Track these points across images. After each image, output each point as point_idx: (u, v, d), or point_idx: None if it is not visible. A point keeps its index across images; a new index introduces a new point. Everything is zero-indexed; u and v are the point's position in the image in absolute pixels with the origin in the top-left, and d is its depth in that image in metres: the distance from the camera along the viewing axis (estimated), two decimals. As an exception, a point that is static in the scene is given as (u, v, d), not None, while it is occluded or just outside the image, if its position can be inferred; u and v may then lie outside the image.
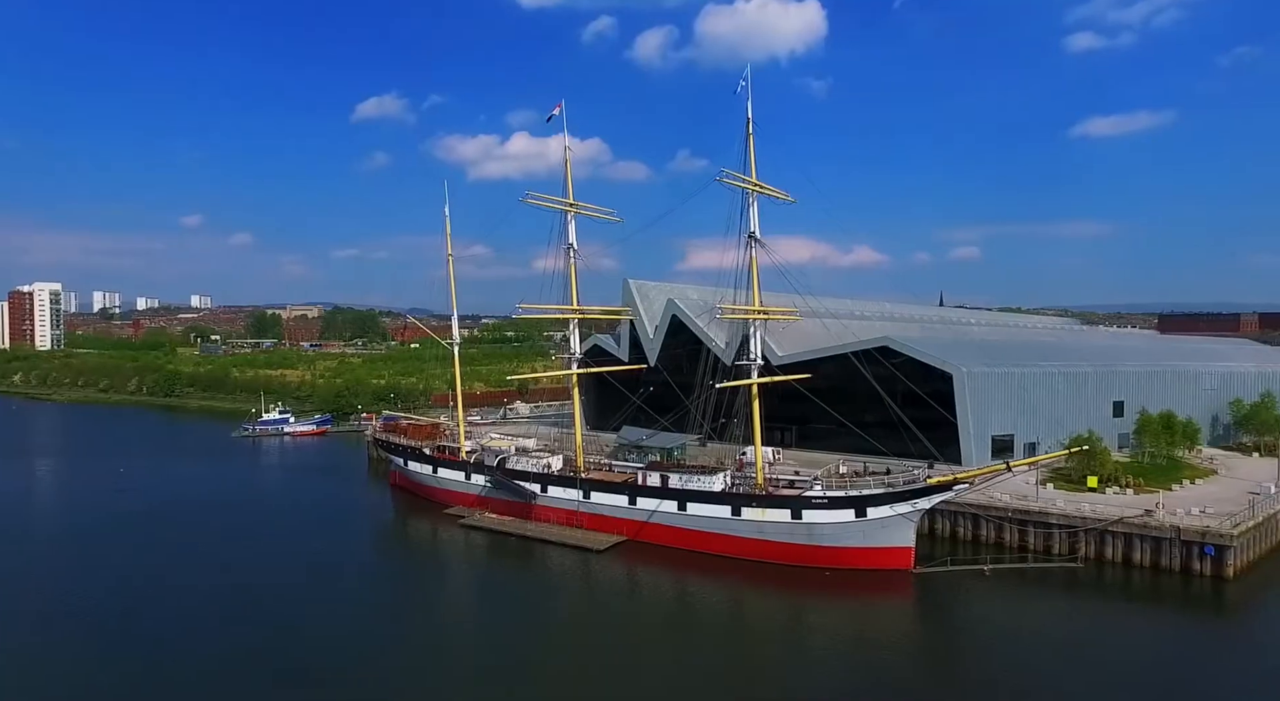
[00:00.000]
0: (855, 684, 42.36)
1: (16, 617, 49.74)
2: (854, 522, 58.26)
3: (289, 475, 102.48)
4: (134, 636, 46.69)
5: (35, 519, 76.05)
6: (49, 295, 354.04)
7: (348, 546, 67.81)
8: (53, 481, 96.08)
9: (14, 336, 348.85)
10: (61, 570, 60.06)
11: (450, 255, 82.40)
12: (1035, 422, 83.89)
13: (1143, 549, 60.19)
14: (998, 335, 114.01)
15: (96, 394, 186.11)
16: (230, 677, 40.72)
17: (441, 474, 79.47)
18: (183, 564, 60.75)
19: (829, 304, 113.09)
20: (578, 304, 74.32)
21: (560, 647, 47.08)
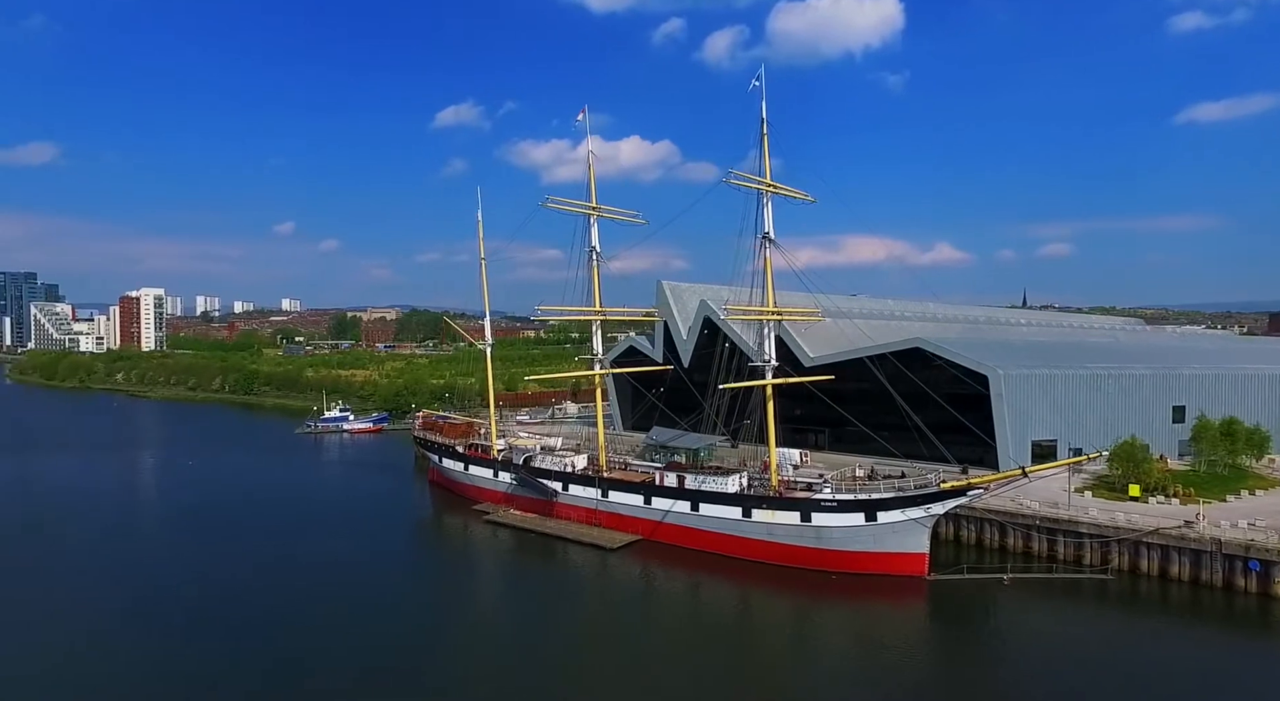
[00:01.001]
0: (854, 694, 41.69)
1: (76, 598, 54.46)
2: (864, 526, 57.17)
3: (340, 470, 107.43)
4: (170, 615, 50.52)
5: (104, 507, 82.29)
6: (153, 300, 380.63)
7: (380, 540, 70.40)
8: (128, 472, 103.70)
9: (124, 338, 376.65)
10: (117, 557, 65.03)
11: (483, 259, 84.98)
12: (1082, 428, 79.97)
13: (1180, 562, 56.85)
14: (1048, 336, 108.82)
15: (186, 392, 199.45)
16: (245, 655, 43.69)
17: (472, 471, 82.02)
18: (225, 553, 64.76)
19: (871, 305, 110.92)
20: (600, 306, 75.23)
21: (562, 645, 47.80)
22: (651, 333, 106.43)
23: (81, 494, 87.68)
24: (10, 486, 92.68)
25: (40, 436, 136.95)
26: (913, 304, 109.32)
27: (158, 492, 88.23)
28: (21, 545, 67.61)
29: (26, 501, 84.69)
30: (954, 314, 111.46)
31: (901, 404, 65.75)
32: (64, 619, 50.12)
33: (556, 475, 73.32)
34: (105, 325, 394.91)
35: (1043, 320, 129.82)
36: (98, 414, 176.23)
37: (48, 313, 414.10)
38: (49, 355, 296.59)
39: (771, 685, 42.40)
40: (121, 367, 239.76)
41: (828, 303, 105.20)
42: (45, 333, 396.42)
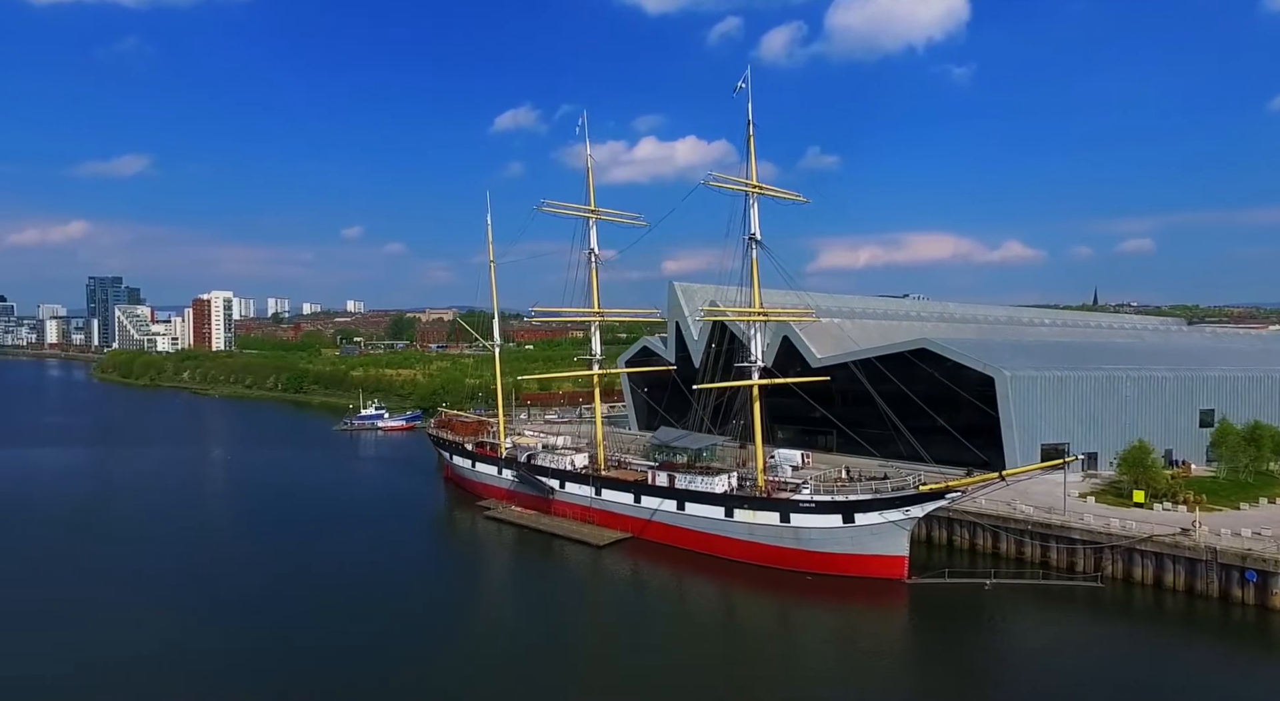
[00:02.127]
0: (821, 695, 41.82)
1: (105, 578, 58.95)
2: (842, 528, 56.99)
3: (366, 466, 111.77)
4: (193, 593, 54.30)
5: (143, 495, 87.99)
6: (222, 302, 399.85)
7: (389, 535, 72.61)
8: (170, 464, 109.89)
9: (196, 339, 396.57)
10: (145, 544, 69.65)
11: (492, 262, 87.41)
12: (1096, 431, 77.57)
13: (1175, 571, 54.95)
14: (1070, 337, 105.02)
15: (243, 389, 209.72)
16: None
17: (479, 468, 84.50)
18: (246, 541, 68.93)
19: (887, 305, 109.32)
20: (599, 307, 76.62)
21: (534, 641, 49.01)
22: (667, 333, 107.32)
23: (123, 482, 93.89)
24: (61, 475, 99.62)
25: (103, 429, 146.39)
26: (931, 304, 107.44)
27: (194, 483, 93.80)
28: (58, 530, 72.91)
29: (75, 488, 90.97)
30: (972, 314, 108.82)
31: (918, 405, 64.78)
32: (91, 594, 54.35)
33: (554, 473, 75.06)
34: (180, 326, 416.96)
35: (1069, 320, 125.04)
36: (159, 410, 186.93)
37: (129, 315, 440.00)
38: (126, 354, 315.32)
39: (741, 685, 42.67)
40: (188, 366, 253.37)
41: (836, 303, 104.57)
42: (127, 333, 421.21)
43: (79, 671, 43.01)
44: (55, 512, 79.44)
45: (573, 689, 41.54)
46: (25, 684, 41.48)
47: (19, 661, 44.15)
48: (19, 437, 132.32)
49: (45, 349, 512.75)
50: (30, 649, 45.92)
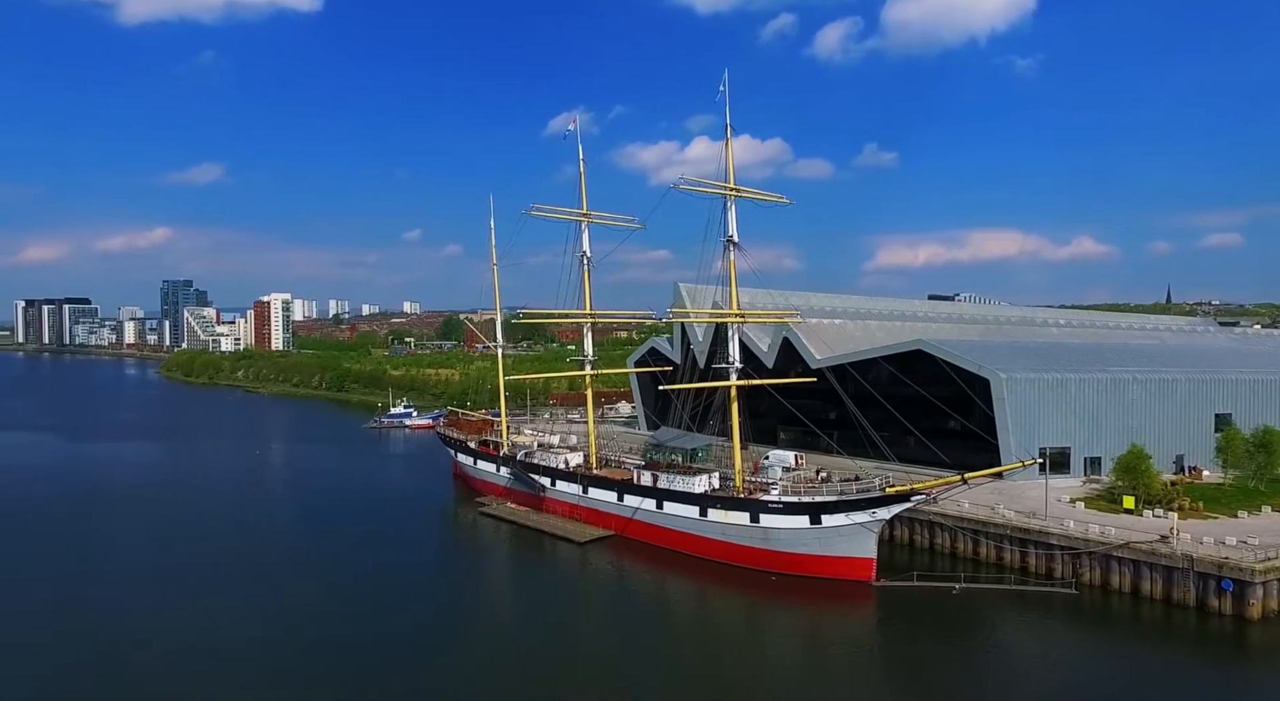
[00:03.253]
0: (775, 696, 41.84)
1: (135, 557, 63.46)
2: (809, 529, 57.23)
3: (386, 462, 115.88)
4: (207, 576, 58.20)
5: (174, 487, 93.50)
6: (280, 304, 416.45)
7: (388, 527, 75.54)
8: (202, 458, 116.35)
9: (257, 339, 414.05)
10: (177, 531, 74.35)
11: (495, 265, 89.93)
12: (1100, 435, 75.52)
13: (1153, 579, 53.57)
14: (1083, 338, 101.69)
15: (291, 388, 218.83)
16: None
17: (480, 465, 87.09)
18: (256, 529, 73.02)
19: (897, 306, 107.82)
20: (591, 309, 78.21)
21: (494, 632, 50.88)
22: (673, 334, 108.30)
23: (155, 475, 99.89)
24: (98, 467, 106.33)
25: (152, 425, 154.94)
26: (941, 305, 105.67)
27: (219, 476, 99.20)
28: (78, 517, 78.20)
29: (113, 476, 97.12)
30: (982, 315, 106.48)
31: (916, 407, 64.81)
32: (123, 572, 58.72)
33: (545, 471, 76.97)
34: (243, 327, 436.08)
35: (1085, 320, 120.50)
36: (210, 406, 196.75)
37: (197, 316, 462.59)
38: (188, 354, 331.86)
39: (697, 684, 43.08)
40: (242, 366, 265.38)
41: (844, 304, 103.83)
42: (194, 334, 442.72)
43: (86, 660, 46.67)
44: (70, 506, 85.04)
45: (533, 685, 42.34)
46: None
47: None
48: (74, 432, 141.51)
49: (124, 348, 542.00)
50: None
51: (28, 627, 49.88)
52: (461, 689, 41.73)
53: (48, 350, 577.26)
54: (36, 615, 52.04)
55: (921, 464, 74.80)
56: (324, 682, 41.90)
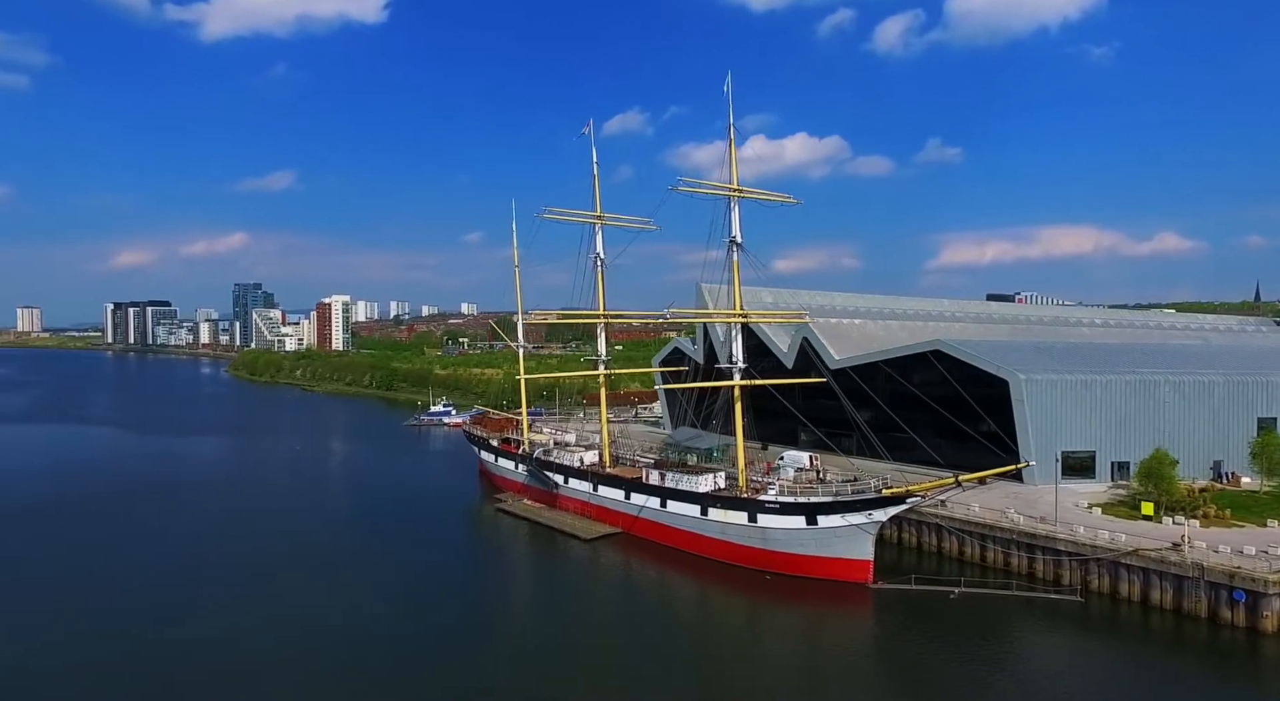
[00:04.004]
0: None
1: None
2: (805, 530, 57.01)
3: (419, 459, 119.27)
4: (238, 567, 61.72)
5: (214, 481, 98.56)
6: (340, 305, 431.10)
7: (409, 521, 78.03)
8: (249, 452, 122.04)
9: (319, 339, 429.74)
10: (199, 519, 78.62)
11: (517, 267, 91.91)
12: (1129, 439, 72.86)
13: (1163, 588, 51.65)
14: (1119, 338, 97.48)
15: (343, 386, 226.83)
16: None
17: (500, 463, 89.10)
18: (287, 526, 76.63)
19: (939, 306, 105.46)
20: (604, 310, 79.28)
21: (486, 625, 52.03)
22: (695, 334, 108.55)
23: (201, 467, 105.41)
24: (150, 459, 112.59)
25: (210, 420, 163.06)
26: (971, 304, 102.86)
27: (259, 469, 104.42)
28: (117, 510, 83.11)
29: (161, 470, 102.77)
30: (1013, 314, 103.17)
31: (936, 409, 63.80)
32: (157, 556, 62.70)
33: (558, 469, 78.36)
34: (306, 328, 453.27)
35: (1124, 320, 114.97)
36: (266, 403, 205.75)
37: (264, 317, 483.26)
38: (252, 354, 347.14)
39: (687, 683, 43.16)
40: (301, 365, 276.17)
41: (869, 303, 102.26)
42: (261, 334, 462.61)
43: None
44: (113, 499, 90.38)
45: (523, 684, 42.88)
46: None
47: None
48: (137, 427, 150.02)
49: (199, 348, 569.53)
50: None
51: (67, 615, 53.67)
52: (448, 684, 43.10)
53: (133, 349, 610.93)
54: (80, 607, 55.93)
55: (939, 466, 73.60)
56: (319, 675, 43.93)
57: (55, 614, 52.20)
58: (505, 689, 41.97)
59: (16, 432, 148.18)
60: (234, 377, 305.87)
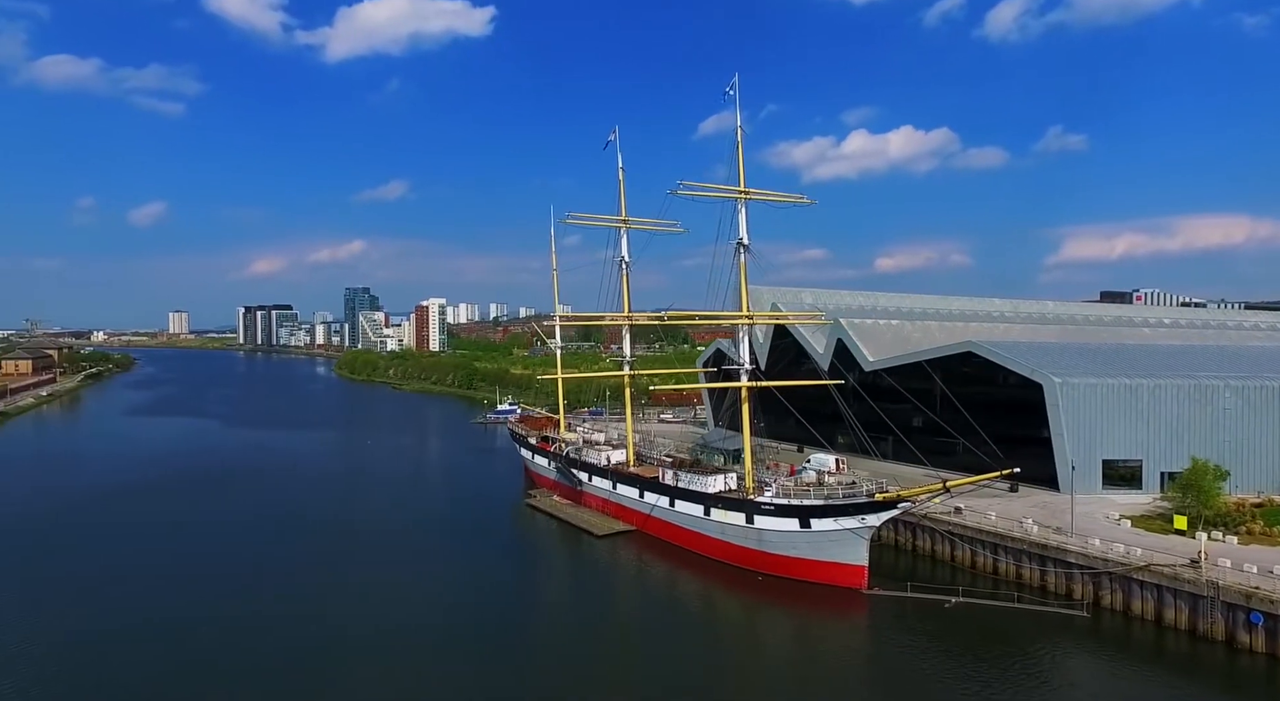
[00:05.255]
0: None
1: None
2: (800, 533, 56.55)
3: (479, 456, 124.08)
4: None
5: (287, 469, 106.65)
6: (437, 308, 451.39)
7: (452, 516, 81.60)
8: (324, 444, 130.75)
9: (418, 341, 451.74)
10: (271, 504, 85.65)
11: (555, 270, 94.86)
12: (1182, 448, 67.50)
13: (1177, 606, 48.34)
14: (1182, 339, 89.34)
15: (429, 385, 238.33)
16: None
17: (536, 460, 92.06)
18: (334, 511, 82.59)
19: (985, 305, 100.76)
20: (629, 311, 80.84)
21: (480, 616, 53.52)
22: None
23: (277, 456, 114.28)
24: (237, 449, 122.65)
25: (304, 412, 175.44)
26: (1025, 304, 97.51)
27: (329, 459, 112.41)
28: (205, 492, 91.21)
29: (242, 459, 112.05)
30: (1069, 314, 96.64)
31: (972, 412, 62.43)
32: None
33: (583, 467, 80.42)
34: (406, 329, 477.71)
35: (1195, 320, 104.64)
36: (358, 399, 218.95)
37: (369, 319, 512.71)
38: (352, 354, 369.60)
39: (672, 680, 43.31)
40: (393, 365, 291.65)
41: (911, 303, 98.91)
42: (366, 336, 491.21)
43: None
44: (192, 485, 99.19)
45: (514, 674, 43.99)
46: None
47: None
48: (238, 419, 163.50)
49: (315, 348, 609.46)
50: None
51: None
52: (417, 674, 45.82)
53: (259, 349, 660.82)
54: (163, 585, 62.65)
55: (973, 472, 70.96)
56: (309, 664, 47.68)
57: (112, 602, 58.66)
58: (477, 681, 43.02)
59: (139, 423, 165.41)
60: (338, 376, 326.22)
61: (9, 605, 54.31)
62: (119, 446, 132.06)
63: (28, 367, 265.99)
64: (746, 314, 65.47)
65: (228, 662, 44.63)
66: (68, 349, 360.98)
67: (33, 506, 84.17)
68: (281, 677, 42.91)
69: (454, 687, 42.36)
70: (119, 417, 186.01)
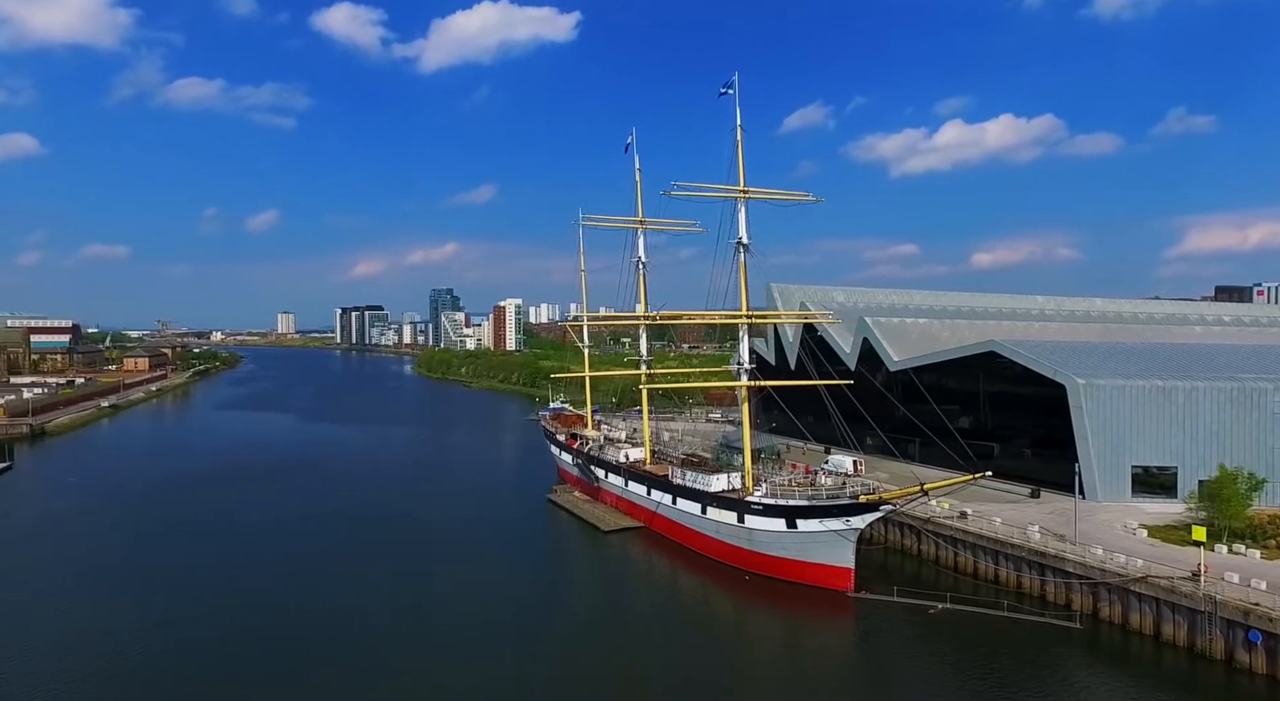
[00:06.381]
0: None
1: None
2: (787, 533, 56.16)
3: (521, 452, 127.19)
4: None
5: (340, 461, 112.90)
6: (513, 308, 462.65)
7: (480, 509, 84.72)
8: (382, 438, 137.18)
9: (495, 340, 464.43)
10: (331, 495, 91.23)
11: (583, 271, 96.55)
12: (1223, 455, 62.98)
13: (1176, 621, 45.67)
14: (1238, 339, 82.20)
15: (496, 383, 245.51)
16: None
17: (562, 457, 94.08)
18: (370, 503, 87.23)
19: (1025, 304, 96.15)
20: (646, 311, 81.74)
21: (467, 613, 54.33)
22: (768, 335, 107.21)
23: (332, 448, 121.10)
24: (302, 440, 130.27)
25: (374, 407, 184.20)
26: (1070, 301, 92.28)
27: (380, 451, 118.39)
28: (253, 483, 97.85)
29: (301, 449, 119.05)
30: (1116, 311, 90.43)
31: (997, 414, 61.47)
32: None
33: (600, 464, 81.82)
34: (485, 329, 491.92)
35: (1261, 316, 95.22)
36: (428, 395, 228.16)
37: (450, 319, 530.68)
38: (430, 353, 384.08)
39: (652, 677, 43.99)
40: (466, 363, 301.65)
41: (948, 301, 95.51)
42: (447, 335, 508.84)
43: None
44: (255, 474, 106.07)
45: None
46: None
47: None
48: (313, 414, 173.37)
49: (402, 348, 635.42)
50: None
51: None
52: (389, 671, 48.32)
53: (353, 348, 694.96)
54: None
55: (1006, 477, 68.80)
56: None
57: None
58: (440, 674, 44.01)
59: (222, 417, 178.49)
60: (416, 374, 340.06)
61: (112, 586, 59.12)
62: (198, 437, 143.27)
63: (145, 365, 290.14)
64: (745, 314, 65.25)
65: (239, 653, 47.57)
66: (180, 347, 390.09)
67: (105, 492, 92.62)
68: (279, 669, 45.35)
69: (425, 678, 44.04)
70: (209, 411, 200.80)
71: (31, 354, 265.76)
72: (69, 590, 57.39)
